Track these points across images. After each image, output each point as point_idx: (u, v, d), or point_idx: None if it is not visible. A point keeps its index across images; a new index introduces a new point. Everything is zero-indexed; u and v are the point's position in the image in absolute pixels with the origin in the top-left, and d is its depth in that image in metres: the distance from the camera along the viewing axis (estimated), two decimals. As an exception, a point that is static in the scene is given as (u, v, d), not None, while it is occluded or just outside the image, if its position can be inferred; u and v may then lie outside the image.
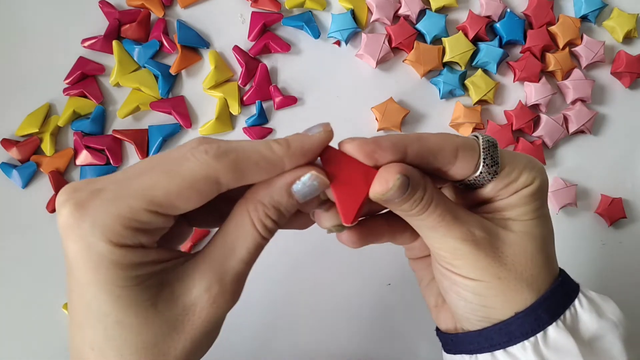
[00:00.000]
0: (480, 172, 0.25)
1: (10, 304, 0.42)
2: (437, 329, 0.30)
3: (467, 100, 0.48)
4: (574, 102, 0.47)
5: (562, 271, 0.27)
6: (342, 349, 0.43)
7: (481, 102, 0.47)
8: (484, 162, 0.24)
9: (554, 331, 0.25)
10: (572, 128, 0.47)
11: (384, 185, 0.22)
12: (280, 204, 0.23)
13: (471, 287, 0.25)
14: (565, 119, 0.47)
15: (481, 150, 0.24)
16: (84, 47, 0.46)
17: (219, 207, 0.24)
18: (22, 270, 0.42)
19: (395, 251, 0.45)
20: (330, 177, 0.23)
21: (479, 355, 0.26)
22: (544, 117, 0.46)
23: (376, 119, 0.46)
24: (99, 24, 0.46)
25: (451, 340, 0.28)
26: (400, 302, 0.44)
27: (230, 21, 0.47)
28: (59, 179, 0.43)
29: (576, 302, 0.26)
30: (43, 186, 0.43)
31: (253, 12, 0.47)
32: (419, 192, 0.23)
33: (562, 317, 0.25)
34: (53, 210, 0.43)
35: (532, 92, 0.47)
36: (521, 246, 0.25)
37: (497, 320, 0.25)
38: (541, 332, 0.25)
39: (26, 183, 0.43)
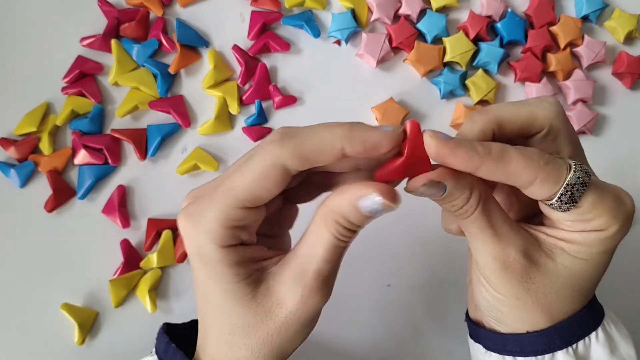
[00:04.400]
0: (552, 204, 0.24)
1: (8, 304, 0.42)
2: (467, 314, 0.31)
3: (467, 101, 0.48)
4: (574, 103, 0.47)
5: (591, 302, 0.27)
6: (341, 349, 0.43)
7: (482, 102, 0.47)
8: (559, 197, 0.24)
9: (563, 357, 0.26)
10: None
11: (413, 184, 0.24)
12: (348, 215, 0.23)
13: (493, 296, 0.27)
14: (566, 119, 0.47)
15: (564, 185, 0.23)
16: (83, 45, 0.45)
17: (313, 181, 0.27)
18: (20, 270, 0.42)
19: (395, 252, 0.45)
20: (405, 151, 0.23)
21: (492, 353, 0.28)
22: (544, 118, 0.46)
23: (376, 118, 0.46)
24: (98, 23, 0.46)
25: (474, 331, 0.30)
26: (400, 302, 0.44)
27: (229, 20, 0.47)
28: (57, 178, 0.43)
29: (593, 334, 0.26)
30: (41, 185, 0.43)
31: (253, 11, 0.47)
32: (459, 199, 0.24)
33: (574, 345, 0.26)
34: (51, 210, 0.43)
35: (533, 93, 0.47)
36: (553, 279, 0.25)
37: (509, 329, 0.27)
38: (550, 354, 0.26)
39: (24, 182, 0.43)
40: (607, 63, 0.49)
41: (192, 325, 0.30)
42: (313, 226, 0.25)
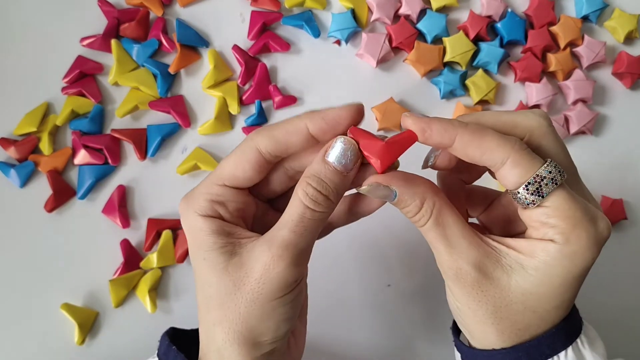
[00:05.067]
0: (518, 193, 0.24)
1: (8, 303, 0.42)
2: (454, 322, 0.31)
3: (467, 101, 0.48)
4: (574, 103, 0.47)
5: (566, 319, 0.26)
6: (341, 349, 0.43)
7: (482, 102, 0.47)
8: (526, 186, 0.24)
9: None
10: (573, 129, 0.46)
11: (363, 184, 0.26)
12: (319, 172, 0.25)
13: (454, 304, 0.27)
14: (566, 119, 0.47)
15: (534, 175, 0.23)
16: (83, 45, 0.45)
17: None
18: (20, 270, 0.42)
19: (395, 252, 0.45)
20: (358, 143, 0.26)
21: None
22: (544, 118, 0.46)
23: (376, 118, 0.46)
24: (98, 23, 0.46)
25: (455, 340, 0.30)
26: (400, 302, 0.44)
27: (229, 20, 0.47)
28: (57, 178, 0.43)
29: (562, 353, 0.26)
30: (41, 185, 0.43)
31: (253, 11, 0.47)
32: (411, 207, 0.25)
33: None
34: (51, 210, 0.43)
35: (533, 93, 0.47)
36: (504, 294, 0.25)
37: (478, 344, 0.27)
38: None
39: (24, 182, 0.43)
40: (607, 63, 0.49)
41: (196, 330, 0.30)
42: (292, 197, 0.26)
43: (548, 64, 0.48)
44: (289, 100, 0.46)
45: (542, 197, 0.23)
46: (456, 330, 0.30)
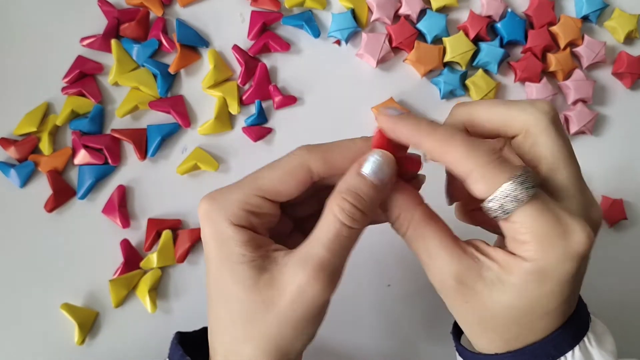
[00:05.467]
0: (486, 206, 0.24)
1: (8, 303, 0.42)
2: (454, 325, 0.31)
3: (467, 101, 0.48)
4: (574, 103, 0.47)
5: (571, 318, 0.26)
6: (341, 349, 0.43)
7: (482, 102, 0.47)
8: (489, 200, 0.23)
9: None
10: (573, 129, 0.46)
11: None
12: (354, 187, 0.24)
13: (449, 308, 0.27)
14: (566, 119, 0.47)
15: (497, 192, 0.23)
16: (83, 45, 0.45)
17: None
18: (20, 270, 0.42)
19: (395, 252, 0.45)
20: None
21: None
22: (544, 118, 0.46)
23: (376, 119, 0.46)
24: (98, 23, 0.46)
25: (456, 345, 0.30)
26: (400, 302, 0.44)
27: (229, 20, 0.47)
28: (57, 178, 0.43)
29: (569, 354, 0.25)
30: (41, 185, 0.43)
31: (253, 11, 0.47)
32: (389, 216, 0.26)
33: None
34: (51, 210, 0.43)
35: (533, 93, 0.47)
36: (487, 306, 0.25)
37: (480, 349, 0.27)
38: None
39: (24, 182, 0.43)
40: (607, 63, 0.49)
41: (203, 333, 0.29)
42: (323, 213, 0.25)
43: (548, 64, 0.48)
44: (289, 100, 0.46)
45: (507, 213, 0.23)
46: (456, 334, 0.30)
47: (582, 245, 0.23)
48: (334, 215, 0.24)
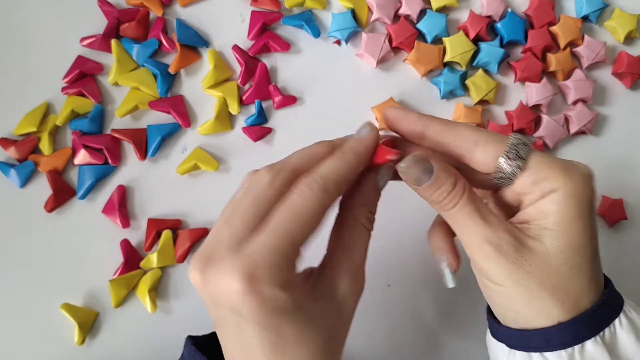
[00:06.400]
0: (501, 165, 0.26)
1: (8, 303, 0.42)
2: (488, 311, 0.31)
3: (467, 101, 0.48)
4: (575, 103, 0.47)
5: (607, 286, 0.27)
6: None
7: (482, 102, 0.47)
8: (505, 153, 0.26)
9: (592, 346, 0.25)
10: (573, 129, 0.46)
11: (402, 162, 0.27)
12: (373, 199, 0.28)
13: (498, 291, 0.27)
14: (566, 119, 0.47)
15: (508, 144, 0.26)
16: (83, 45, 0.45)
17: None
18: (20, 270, 0.42)
19: (395, 252, 0.45)
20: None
21: (517, 352, 0.27)
22: (545, 118, 0.46)
23: (376, 118, 0.46)
24: (98, 23, 0.46)
25: (495, 330, 0.29)
26: (400, 302, 0.44)
27: (229, 20, 0.47)
28: (57, 179, 0.43)
29: (616, 321, 0.26)
30: (41, 185, 0.43)
31: (253, 11, 0.47)
32: (446, 185, 0.26)
33: (601, 333, 0.26)
34: (51, 210, 0.43)
35: (533, 93, 0.47)
36: (547, 258, 0.25)
37: (531, 324, 0.26)
38: (579, 345, 0.25)
39: (24, 182, 0.43)
40: (607, 63, 0.49)
41: (212, 338, 0.30)
42: (347, 231, 0.27)
43: (548, 64, 0.48)
44: (289, 100, 0.46)
45: (524, 159, 0.26)
46: (493, 318, 0.30)
47: (589, 170, 0.27)
48: (364, 226, 0.28)
